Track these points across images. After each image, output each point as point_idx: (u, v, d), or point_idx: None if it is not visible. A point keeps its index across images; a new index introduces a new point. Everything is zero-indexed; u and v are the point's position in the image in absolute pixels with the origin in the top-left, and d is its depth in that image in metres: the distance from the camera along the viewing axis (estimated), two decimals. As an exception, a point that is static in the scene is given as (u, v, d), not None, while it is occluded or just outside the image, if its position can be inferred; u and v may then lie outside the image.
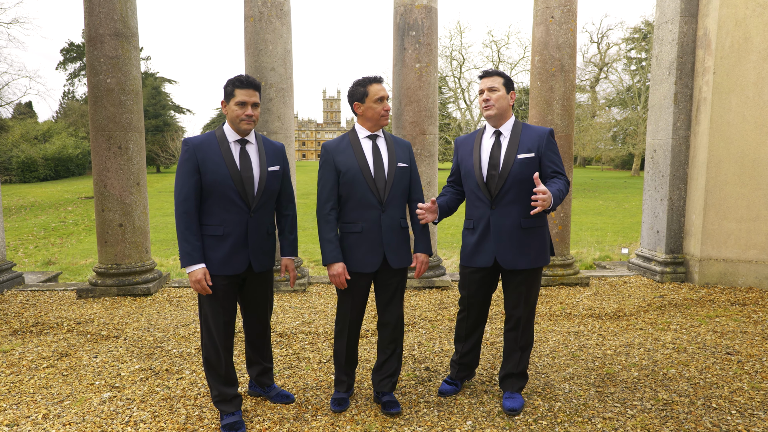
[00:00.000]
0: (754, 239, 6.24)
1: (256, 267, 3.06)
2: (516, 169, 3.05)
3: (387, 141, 3.19)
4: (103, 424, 3.17)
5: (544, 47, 6.35)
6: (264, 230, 3.07)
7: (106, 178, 6.00)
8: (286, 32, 6.17)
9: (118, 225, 6.05)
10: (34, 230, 14.52)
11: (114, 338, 4.67)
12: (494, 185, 3.10)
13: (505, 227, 3.11)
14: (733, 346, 4.46)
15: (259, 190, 2.99)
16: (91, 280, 6.12)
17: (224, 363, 3.08)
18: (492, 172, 3.11)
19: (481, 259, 3.22)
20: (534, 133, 3.13)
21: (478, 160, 3.16)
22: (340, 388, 3.39)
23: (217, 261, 2.94)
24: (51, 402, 3.46)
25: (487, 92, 3.15)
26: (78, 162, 39.85)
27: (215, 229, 2.94)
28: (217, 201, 2.93)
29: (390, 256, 3.12)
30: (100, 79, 5.89)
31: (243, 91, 2.91)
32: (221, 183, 2.90)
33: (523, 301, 3.21)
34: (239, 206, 2.96)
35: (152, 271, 6.31)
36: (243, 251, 2.99)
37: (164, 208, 20.33)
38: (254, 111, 2.96)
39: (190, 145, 2.92)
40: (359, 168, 3.06)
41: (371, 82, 3.11)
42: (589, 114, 38.55)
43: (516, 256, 3.13)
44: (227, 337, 3.06)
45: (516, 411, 3.24)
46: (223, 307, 3.01)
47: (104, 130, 5.94)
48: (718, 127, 6.24)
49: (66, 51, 54.33)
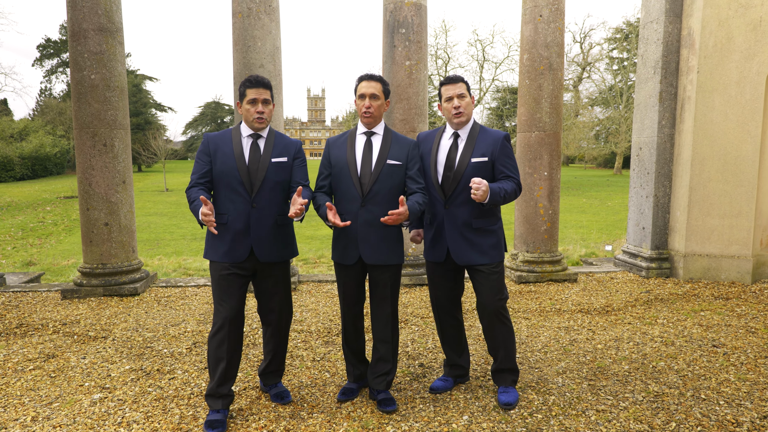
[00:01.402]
0: (737, 235, 6.36)
1: (260, 255, 3.07)
2: (469, 172, 3.15)
3: (384, 138, 3.20)
4: (95, 425, 3.12)
5: (533, 46, 6.40)
6: (270, 220, 3.08)
7: (91, 176, 5.91)
8: (275, 28, 6.13)
9: (103, 224, 5.97)
10: (11, 231, 14.25)
11: (102, 339, 4.60)
12: (448, 186, 3.21)
13: (457, 226, 3.22)
14: (718, 338, 4.54)
15: (258, 179, 3.03)
16: (75, 280, 6.02)
17: (225, 359, 3.04)
18: (447, 173, 3.21)
19: (435, 254, 3.34)
20: (490, 137, 3.21)
21: (435, 161, 3.25)
22: (348, 377, 3.52)
23: (221, 248, 3.05)
24: (39, 404, 3.40)
25: (458, 99, 3.21)
26: (56, 161, 39.21)
27: (221, 217, 3.05)
28: (224, 190, 3.05)
29: (364, 251, 3.14)
30: (84, 75, 5.80)
31: (253, 90, 3.05)
32: (228, 173, 3.02)
33: (485, 295, 3.21)
34: (242, 195, 3.03)
35: (139, 270, 6.23)
36: (245, 239, 3.04)
37: (146, 208, 20.09)
38: (265, 107, 3.09)
39: (206, 138, 3.14)
40: (346, 162, 3.15)
41: (360, 80, 3.20)
42: (573, 113, 38.95)
43: (467, 253, 3.21)
44: (230, 333, 3.03)
45: (511, 405, 3.28)
46: (229, 297, 3.02)
47: (89, 127, 5.85)
48: (701, 126, 6.34)
49: (43, 47, 53.39)
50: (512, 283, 6.50)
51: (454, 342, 3.58)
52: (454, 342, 3.58)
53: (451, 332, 3.56)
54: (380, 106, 3.18)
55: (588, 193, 26.22)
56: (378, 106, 3.17)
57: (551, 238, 6.63)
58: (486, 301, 3.21)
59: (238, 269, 3.06)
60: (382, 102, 3.19)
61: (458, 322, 3.56)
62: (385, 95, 3.21)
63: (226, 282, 3.04)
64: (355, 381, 3.48)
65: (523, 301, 5.74)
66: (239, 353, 3.11)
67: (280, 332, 3.36)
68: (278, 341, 3.38)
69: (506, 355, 3.36)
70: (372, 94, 3.15)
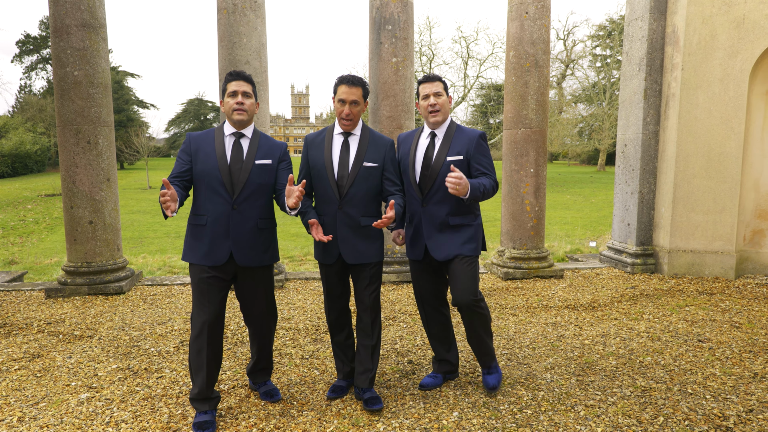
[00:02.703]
0: (720, 231, 6.45)
1: (239, 259, 3.00)
2: (445, 171, 3.19)
3: (361, 139, 3.18)
4: (82, 425, 3.08)
5: (519, 42, 6.42)
6: (251, 224, 3.02)
7: (74, 174, 5.82)
8: (261, 24, 6.08)
9: (88, 222, 5.88)
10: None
11: (88, 338, 4.54)
12: (425, 184, 3.25)
13: (434, 224, 3.26)
14: (703, 333, 4.61)
15: (240, 180, 2.98)
16: (60, 279, 5.93)
17: (205, 366, 2.98)
18: (424, 172, 3.26)
19: (414, 252, 3.38)
20: (465, 136, 3.25)
21: (413, 160, 3.30)
22: (338, 374, 3.52)
23: (200, 251, 2.99)
24: (26, 404, 3.35)
25: (434, 97, 3.24)
26: (37, 158, 38.57)
27: (199, 218, 3.01)
28: (203, 191, 3.00)
29: (344, 251, 3.16)
30: (67, 72, 5.70)
31: (234, 83, 3.03)
32: (209, 173, 2.98)
33: (457, 289, 3.19)
34: (223, 197, 2.98)
35: (124, 269, 6.15)
36: (224, 242, 2.98)
37: (130, 206, 19.86)
38: (245, 100, 3.02)
39: (188, 137, 3.09)
40: (323, 164, 3.15)
41: (340, 82, 3.13)
42: (556, 110, 39.22)
43: (443, 248, 3.23)
44: (210, 339, 2.96)
45: (495, 388, 3.43)
46: (209, 301, 2.96)
47: (72, 124, 5.76)
48: (686, 123, 6.42)
49: (22, 43, 52.45)
50: (499, 280, 6.53)
51: (442, 335, 3.60)
52: (441, 335, 3.60)
53: (438, 327, 3.58)
54: (359, 111, 3.15)
55: (572, 189, 26.44)
56: (358, 111, 3.14)
57: (537, 234, 6.68)
58: (458, 296, 3.17)
59: (218, 272, 3.00)
60: (362, 106, 3.16)
61: (445, 317, 3.57)
62: (364, 98, 3.16)
63: (206, 285, 2.97)
64: (344, 378, 3.47)
65: (510, 297, 5.77)
66: (219, 359, 3.06)
67: (264, 333, 3.31)
68: (262, 341, 3.33)
69: (481, 342, 3.39)
70: (353, 101, 3.10)
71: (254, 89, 3.09)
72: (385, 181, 3.21)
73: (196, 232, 3.00)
